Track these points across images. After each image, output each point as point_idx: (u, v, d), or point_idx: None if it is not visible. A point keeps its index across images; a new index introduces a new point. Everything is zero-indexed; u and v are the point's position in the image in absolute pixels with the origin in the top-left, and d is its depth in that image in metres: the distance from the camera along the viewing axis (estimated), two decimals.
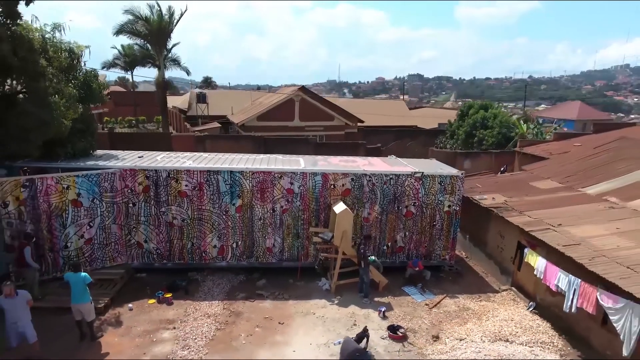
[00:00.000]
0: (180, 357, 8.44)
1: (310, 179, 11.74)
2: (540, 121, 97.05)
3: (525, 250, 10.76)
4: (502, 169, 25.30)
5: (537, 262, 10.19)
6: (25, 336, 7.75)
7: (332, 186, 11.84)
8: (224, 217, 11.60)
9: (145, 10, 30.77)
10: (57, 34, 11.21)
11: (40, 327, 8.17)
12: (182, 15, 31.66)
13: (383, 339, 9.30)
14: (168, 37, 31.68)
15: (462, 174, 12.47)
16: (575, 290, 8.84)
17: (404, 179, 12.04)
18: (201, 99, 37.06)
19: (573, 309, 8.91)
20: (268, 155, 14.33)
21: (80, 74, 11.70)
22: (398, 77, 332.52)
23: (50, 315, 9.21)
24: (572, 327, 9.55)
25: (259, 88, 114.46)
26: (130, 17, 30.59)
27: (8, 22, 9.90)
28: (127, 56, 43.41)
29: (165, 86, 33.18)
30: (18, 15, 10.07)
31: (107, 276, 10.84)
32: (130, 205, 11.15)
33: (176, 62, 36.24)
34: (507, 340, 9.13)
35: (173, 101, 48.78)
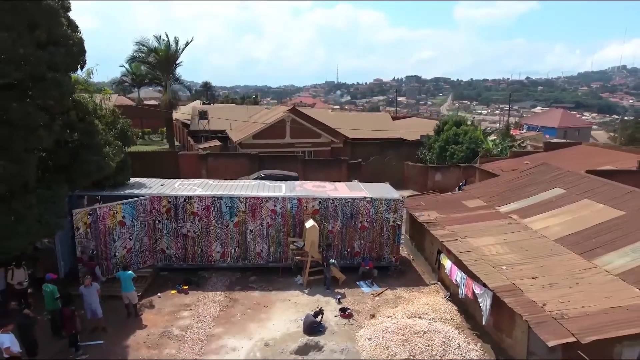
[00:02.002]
0: (197, 328, 12.57)
1: (289, 202, 15.91)
2: (525, 128, 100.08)
3: (441, 254, 14.94)
4: (460, 183, 29.43)
5: (447, 263, 14.36)
6: (96, 313, 11.88)
7: (304, 207, 16.01)
8: (225, 230, 15.77)
9: (153, 42, 34.85)
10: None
11: (103, 307, 12.30)
12: (187, 44, 35.90)
13: (335, 317, 13.45)
14: (174, 64, 35.83)
15: (402, 197, 16.66)
16: (463, 282, 13.01)
17: (358, 201, 16.22)
18: (202, 116, 41.12)
19: (463, 296, 13.09)
20: (258, 181, 18.45)
21: (119, 125, 15.84)
22: (396, 78, 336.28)
23: (110, 300, 13.28)
24: (467, 309, 13.71)
25: (256, 96, 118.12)
26: (141, 47, 34.66)
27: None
28: (135, 75, 47.61)
29: (171, 107, 37.25)
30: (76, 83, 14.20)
31: (141, 274, 14.94)
32: (157, 222, 15.33)
33: (179, 81, 40.44)
34: (419, 317, 13.28)
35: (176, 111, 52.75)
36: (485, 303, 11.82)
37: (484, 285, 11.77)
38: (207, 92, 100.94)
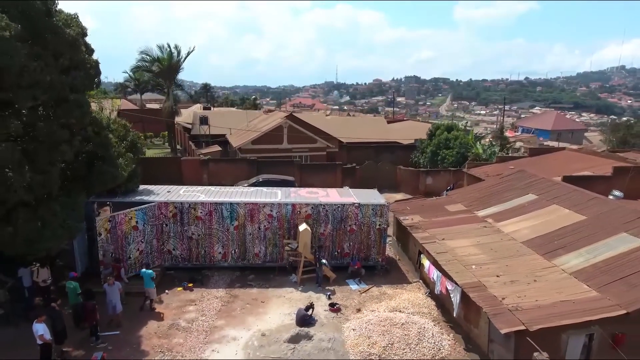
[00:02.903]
0: (201, 320, 14.14)
1: (284, 207, 17.48)
2: (520, 130, 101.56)
3: (421, 255, 16.52)
4: (448, 187, 30.98)
5: (426, 263, 15.94)
6: (116, 308, 13.43)
7: (298, 212, 17.58)
8: (226, 233, 17.34)
9: (156, 51, 36.44)
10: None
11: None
12: (188, 53, 37.48)
13: (325, 311, 15.03)
14: (177, 72, 37.39)
15: (387, 203, 18.25)
16: (439, 280, 14.59)
17: (347, 207, 17.80)
18: (203, 121, 42.66)
19: (438, 292, 14.68)
20: (256, 188, 19.98)
21: (130, 137, 17.40)
22: (395, 78, 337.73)
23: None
24: (444, 304, 15.29)
25: (255, 98, 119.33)
26: (145, 56, 36.23)
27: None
28: (138, 81, 49.22)
29: (174, 114, 38.82)
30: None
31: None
32: (164, 225, 16.90)
33: (181, 87, 41.95)
34: (399, 311, 14.86)
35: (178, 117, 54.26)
36: (455, 298, 13.41)
37: (455, 282, 13.34)
38: (206, 94, 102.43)
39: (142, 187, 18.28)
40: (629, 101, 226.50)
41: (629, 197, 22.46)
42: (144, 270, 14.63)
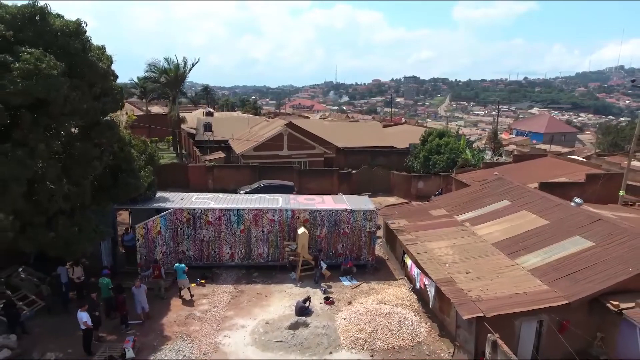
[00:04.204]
0: (214, 311, 16.42)
1: (284, 213, 19.77)
2: (514, 133, 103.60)
3: (405, 255, 18.81)
4: (437, 192, 33.25)
5: (409, 262, 18.22)
6: (144, 308, 15.66)
7: (297, 217, 19.86)
8: (233, 235, 19.62)
9: (163, 63, 38.72)
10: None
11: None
12: (194, 64, 39.73)
13: (321, 303, 17.31)
14: (182, 82, 39.67)
15: (376, 209, 20.54)
16: (418, 276, 16.88)
17: (341, 212, 20.09)
18: (207, 128, 44.88)
19: (418, 287, 16.97)
20: (259, 195, 22.25)
21: (148, 151, 19.68)
22: (394, 78, 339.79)
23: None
24: (423, 297, 17.56)
25: (255, 102, 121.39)
26: (153, 68, 38.50)
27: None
28: (144, 88, 51.50)
29: (180, 122, 41.06)
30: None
31: (168, 271, 18.77)
32: (179, 229, 19.19)
33: (185, 94, 44.15)
34: (385, 303, 17.15)
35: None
36: (431, 291, 15.70)
37: (430, 278, 15.63)
38: (207, 96, 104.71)
39: (159, 194, 20.55)
40: (627, 101, 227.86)
41: (601, 202, 24.77)
42: (177, 264, 17.04)
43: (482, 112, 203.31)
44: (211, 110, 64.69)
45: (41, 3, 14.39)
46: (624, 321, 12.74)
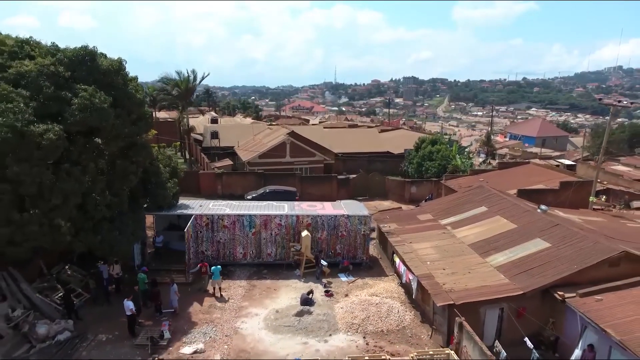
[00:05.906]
0: (231, 302, 19.42)
1: (290, 218, 22.81)
2: (508, 137, 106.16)
3: (394, 254, 21.83)
4: (427, 197, 36.25)
5: (397, 260, 21.25)
6: (173, 305, 18.61)
7: (301, 221, 22.90)
8: (246, 238, 22.65)
9: (175, 76, 41.62)
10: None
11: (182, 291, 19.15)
12: (203, 77, 42.60)
13: (322, 296, 20.33)
14: (192, 94, 42.57)
15: (370, 214, 23.58)
16: (404, 272, 19.90)
17: (339, 217, 23.13)
18: (214, 135, 47.80)
19: (404, 281, 20.01)
20: (268, 202, 25.27)
21: (172, 164, 22.70)
22: (394, 79, 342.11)
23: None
24: (409, 291, 20.55)
25: (257, 106, 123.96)
26: (165, 80, 41.40)
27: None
28: (152, 96, 54.30)
29: (189, 132, 43.99)
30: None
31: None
32: (199, 232, 22.22)
33: (192, 104, 47.07)
34: (376, 295, 20.17)
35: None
36: (414, 284, 18.73)
37: (413, 273, 18.66)
38: (208, 99, 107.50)
39: (180, 201, 23.53)
40: (625, 102, 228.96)
41: (573, 207, 27.76)
42: (214, 267, 20.00)
43: (481, 113, 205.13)
44: (216, 116, 67.63)
45: (91, 46, 17.39)
46: (567, 308, 15.76)
